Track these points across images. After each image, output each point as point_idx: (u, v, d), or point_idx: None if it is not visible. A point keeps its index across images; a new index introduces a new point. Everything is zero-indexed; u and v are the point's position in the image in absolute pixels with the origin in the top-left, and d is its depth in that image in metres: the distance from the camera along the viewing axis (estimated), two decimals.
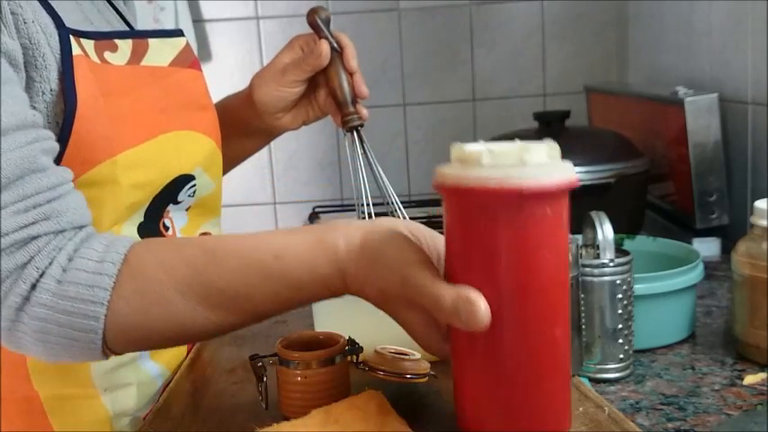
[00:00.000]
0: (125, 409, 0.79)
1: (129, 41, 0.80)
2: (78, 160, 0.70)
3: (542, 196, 0.54)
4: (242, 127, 0.99)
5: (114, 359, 0.77)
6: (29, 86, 0.68)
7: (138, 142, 0.75)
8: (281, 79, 0.95)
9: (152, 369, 0.82)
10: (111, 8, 0.88)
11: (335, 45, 0.94)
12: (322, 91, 0.97)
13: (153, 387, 0.82)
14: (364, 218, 0.89)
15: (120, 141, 0.73)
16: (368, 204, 0.90)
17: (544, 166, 0.54)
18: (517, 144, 0.56)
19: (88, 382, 0.76)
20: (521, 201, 0.53)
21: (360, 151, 0.92)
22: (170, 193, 0.80)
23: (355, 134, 0.93)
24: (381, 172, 0.91)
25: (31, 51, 0.68)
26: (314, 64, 0.93)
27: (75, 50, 0.71)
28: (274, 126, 0.99)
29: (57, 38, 0.70)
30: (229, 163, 0.97)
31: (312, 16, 0.95)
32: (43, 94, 0.69)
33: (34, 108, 0.68)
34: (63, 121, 0.69)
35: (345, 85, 0.94)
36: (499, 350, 0.56)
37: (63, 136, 0.69)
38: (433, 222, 1.64)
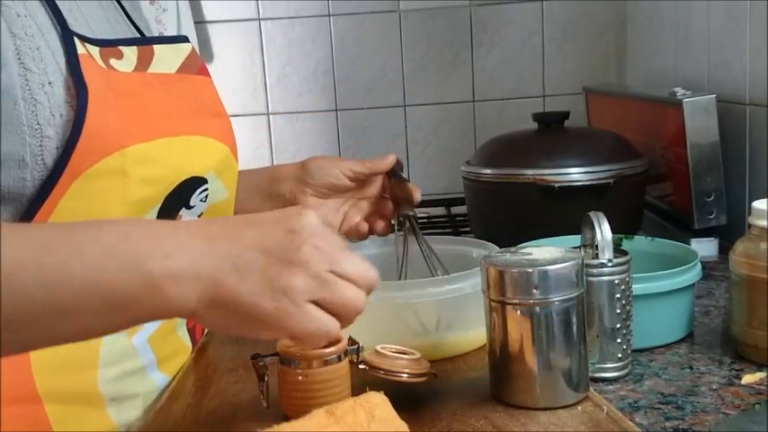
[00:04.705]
0: (130, 420, 0.78)
1: (135, 48, 0.80)
2: (88, 151, 0.70)
3: None
4: (268, 189, 1.05)
5: (122, 368, 0.77)
6: (27, 78, 0.68)
7: (148, 138, 0.75)
8: (339, 163, 1.04)
9: (159, 379, 0.82)
10: (124, 17, 0.88)
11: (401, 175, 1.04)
12: (364, 202, 1.04)
13: (156, 397, 0.81)
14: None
15: (130, 135, 0.73)
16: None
17: None
18: None
19: (94, 385, 0.75)
20: None
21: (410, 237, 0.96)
22: (182, 195, 0.79)
23: (407, 222, 0.97)
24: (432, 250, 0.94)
25: (27, 42, 0.68)
26: (378, 164, 1.03)
27: (81, 50, 0.72)
28: (304, 199, 1.03)
29: (56, 36, 0.71)
30: None
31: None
32: (42, 86, 0.69)
33: (35, 99, 0.68)
34: (75, 114, 0.70)
35: (408, 187, 1.01)
36: None
37: (76, 127, 0.69)
38: (433, 222, 1.65)
